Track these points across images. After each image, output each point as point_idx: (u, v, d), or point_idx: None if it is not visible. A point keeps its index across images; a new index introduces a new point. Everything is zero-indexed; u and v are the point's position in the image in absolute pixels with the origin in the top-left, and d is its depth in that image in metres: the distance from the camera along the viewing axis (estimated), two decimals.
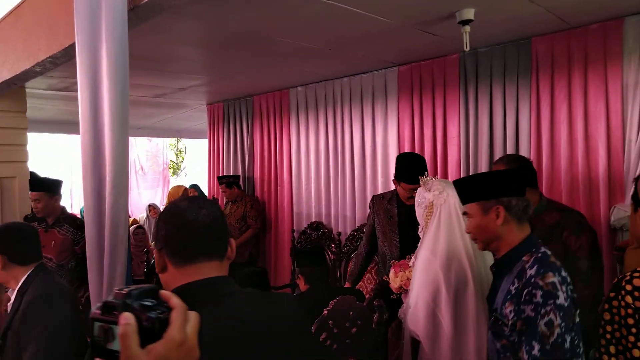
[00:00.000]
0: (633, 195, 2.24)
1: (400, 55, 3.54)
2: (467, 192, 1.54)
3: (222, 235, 1.09)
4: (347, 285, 3.07)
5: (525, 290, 1.29)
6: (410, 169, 2.57)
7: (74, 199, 7.41)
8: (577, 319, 1.27)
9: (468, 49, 2.60)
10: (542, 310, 1.22)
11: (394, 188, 2.84)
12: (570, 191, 2.91)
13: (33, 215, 3.39)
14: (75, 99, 1.91)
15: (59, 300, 1.80)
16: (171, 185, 9.31)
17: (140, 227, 5.17)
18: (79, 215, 6.16)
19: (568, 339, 1.22)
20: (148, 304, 0.57)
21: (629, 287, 1.21)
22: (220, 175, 5.33)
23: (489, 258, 1.95)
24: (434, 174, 3.61)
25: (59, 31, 2.42)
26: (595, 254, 2.11)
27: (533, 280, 1.28)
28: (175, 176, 10.48)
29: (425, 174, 2.27)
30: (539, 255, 1.36)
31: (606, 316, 1.26)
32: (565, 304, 1.23)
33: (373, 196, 3.04)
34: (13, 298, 1.85)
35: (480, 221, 1.48)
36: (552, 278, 1.26)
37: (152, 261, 3.80)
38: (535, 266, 1.32)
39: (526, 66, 3.09)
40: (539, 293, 1.25)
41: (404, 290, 2.16)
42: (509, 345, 1.33)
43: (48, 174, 3.70)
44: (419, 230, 2.13)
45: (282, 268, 4.84)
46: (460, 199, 1.60)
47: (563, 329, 1.20)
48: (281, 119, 4.81)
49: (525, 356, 1.25)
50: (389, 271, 2.36)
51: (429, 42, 3.10)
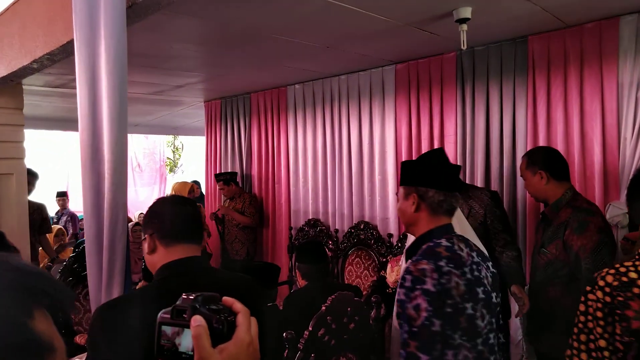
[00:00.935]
0: None
1: (398, 53, 3.55)
2: (401, 175, 1.62)
3: (200, 225, 1.45)
4: None
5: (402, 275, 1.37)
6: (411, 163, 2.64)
7: (70, 196, 7.39)
8: (450, 310, 1.29)
9: (465, 47, 2.62)
10: (411, 295, 1.29)
11: None
12: None
13: None
14: (72, 95, 1.92)
15: None
16: (169, 183, 9.31)
17: (138, 224, 5.16)
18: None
19: (437, 323, 1.26)
20: (214, 307, 0.60)
21: (601, 283, 1.28)
22: (218, 172, 5.33)
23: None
24: None
25: (56, 28, 2.42)
26: (597, 256, 2.01)
27: (408, 267, 1.35)
28: (172, 173, 10.47)
29: None
30: (431, 244, 1.41)
31: (581, 307, 1.33)
32: (433, 289, 1.28)
33: None
34: None
35: (401, 204, 1.56)
36: (424, 265, 1.32)
37: None
38: (419, 254, 1.39)
39: (523, 65, 3.11)
40: (409, 278, 1.31)
41: None
42: None
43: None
44: None
45: (280, 265, 4.83)
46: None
47: (430, 313, 1.26)
48: (279, 117, 4.82)
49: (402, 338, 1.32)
50: None
51: (426, 41, 3.11)
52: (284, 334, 1.77)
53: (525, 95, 3.12)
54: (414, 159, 3.76)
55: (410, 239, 2.05)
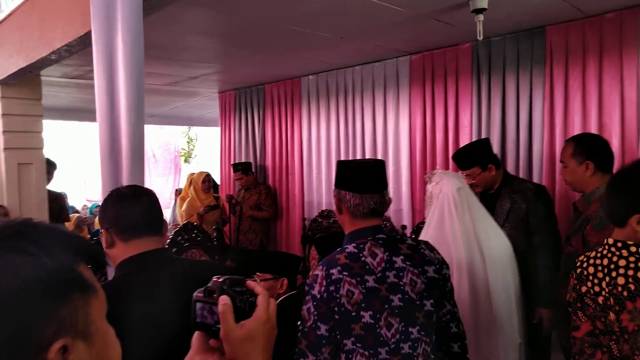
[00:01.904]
0: None
1: (413, 44, 3.52)
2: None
3: (159, 215, 1.40)
4: None
5: None
6: (457, 154, 2.63)
7: (87, 186, 7.52)
8: (338, 317, 1.31)
9: (481, 38, 2.59)
10: (306, 297, 1.36)
11: None
12: None
13: None
14: (89, 87, 1.95)
15: None
16: (183, 173, 9.39)
17: None
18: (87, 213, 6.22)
19: (323, 327, 1.31)
20: (239, 289, 0.71)
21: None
22: (234, 162, 5.35)
23: (495, 244, 2.06)
24: (445, 163, 3.62)
25: (74, 19, 2.45)
26: None
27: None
28: (186, 164, 10.57)
29: (432, 171, 2.32)
30: (337, 250, 1.42)
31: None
32: (318, 296, 1.32)
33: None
34: None
35: (335, 207, 1.56)
36: (317, 271, 1.37)
37: (165, 246, 3.86)
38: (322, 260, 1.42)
39: (540, 55, 3.06)
40: (307, 282, 1.39)
41: None
42: None
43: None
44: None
45: None
46: None
47: (316, 317, 1.32)
48: (292, 108, 4.82)
49: None
50: None
51: (442, 31, 3.08)
52: (298, 323, 1.79)
53: (542, 87, 3.07)
54: (427, 150, 3.75)
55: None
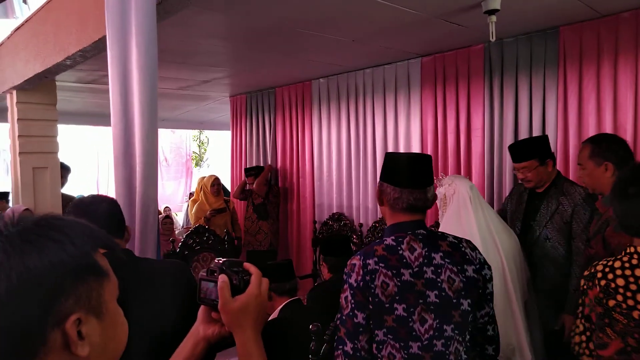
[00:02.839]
0: None
1: (424, 46, 3.51)
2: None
3: (120, 221, 1.50)
4: None
5: None
6: (514, 146, 2.58)
7: (100, 189, 7.60)
8: (372, 307, 1.34)
9: (494, 39, 2.57)
10: (344, 286, 1.39)
11: None
12: None
13: None
14: (103, 91, 1.97)
15: None
16: (195, 177, 9.45)
17: (168, 217, 5.28)
18: None
19: (360, 315, 1.33)
20: (236, 269, 0.85)
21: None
22: (247, 167, 5.37)
23: (505, 243, 2.10)
24: (457, 165, 3.60)
25: (88, 25, 2.49)
26: None
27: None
28: (198, 167, 10.63)
29: (441, 175, 2.32)
30: (376, 241, 1.45)
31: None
32: (355, 285, 1.35)
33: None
34: None
35: (377, 198, 1.58)
36: (355, 261, 1.39)
37: (177, 250, 3.89)
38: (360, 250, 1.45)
39: (553, 56, 3.03)
40: (345, 271, 1.41)
41: None
42: None
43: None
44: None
45: (304, 258, 4.89)
46: None
47: (353, 305, 1.34)
48: (303, 111, 4.83)
49: None
50: None
51: (454, 33, 3.07)
52: (310, 326, 1.78)
53: (555, 88, 3.04)
54: (439, 153, 3.73)
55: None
